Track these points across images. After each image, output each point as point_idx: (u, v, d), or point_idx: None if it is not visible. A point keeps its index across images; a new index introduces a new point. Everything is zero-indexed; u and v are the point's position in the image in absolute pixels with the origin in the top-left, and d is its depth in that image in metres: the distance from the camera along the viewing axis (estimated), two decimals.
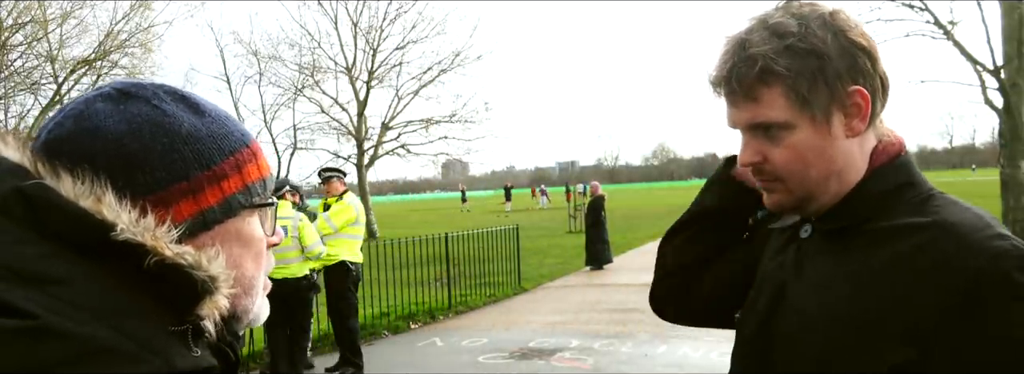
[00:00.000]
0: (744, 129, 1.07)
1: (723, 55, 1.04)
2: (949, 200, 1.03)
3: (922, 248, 0.96)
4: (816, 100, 1.00)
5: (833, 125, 1.02)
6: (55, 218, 0.62)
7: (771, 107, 1.01)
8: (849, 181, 1.05)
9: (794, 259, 1.11)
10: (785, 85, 1.00)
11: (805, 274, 1.08)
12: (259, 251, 0.78)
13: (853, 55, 1.00)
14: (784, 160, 1.04)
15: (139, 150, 0.67)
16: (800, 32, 0.99)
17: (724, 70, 1.03)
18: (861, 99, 1.01)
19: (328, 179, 6.84)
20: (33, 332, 0.55)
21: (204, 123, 0.72)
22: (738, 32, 1.04)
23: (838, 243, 1.06)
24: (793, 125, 1.02)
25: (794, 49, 0.99)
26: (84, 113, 0.69)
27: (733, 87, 1.03)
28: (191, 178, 0.69)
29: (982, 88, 12.40)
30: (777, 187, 1.07)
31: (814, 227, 1.10)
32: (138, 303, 0.63)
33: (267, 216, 0.80)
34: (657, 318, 1.49)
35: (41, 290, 0.58)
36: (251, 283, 0.77)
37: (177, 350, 0.63)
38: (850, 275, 1.01)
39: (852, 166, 1.05)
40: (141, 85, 0.73)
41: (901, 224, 1.00)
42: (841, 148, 1.03)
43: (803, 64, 0.99)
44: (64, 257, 0.61)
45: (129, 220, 0.64)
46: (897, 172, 1.06)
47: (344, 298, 6.65)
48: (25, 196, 0.63)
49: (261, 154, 0.78)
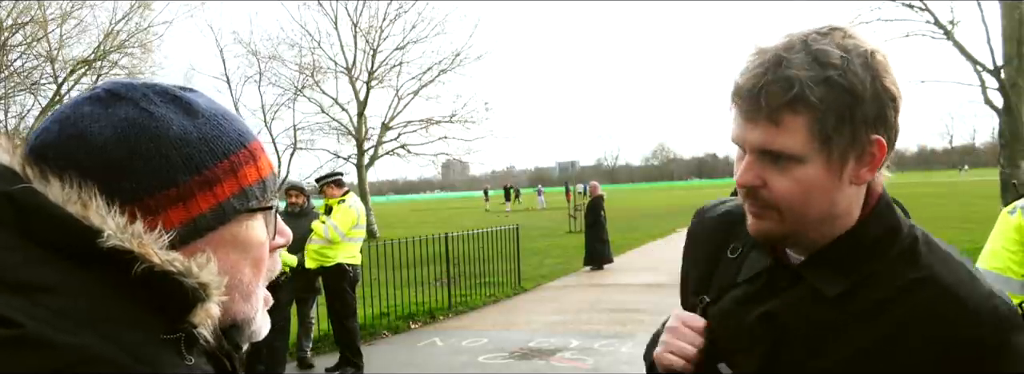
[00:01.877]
0: (750, 151, 1.00)
1: (756, 68, 0.97)
2: (933, 246, 1.04)
3: (922, 315, 0.97)
4: (837, 140, 0.96)
5: (846, 170, 0.98)
6: (42, 223, 0.61)
7: (791, 136, 0.96)
8: (841, 224, 1.03)
9: (779, 313, 1.06)
10: (813, 117, 0.94)
11: (797, 334, 1.03)
12: (258, 256, 0.74)
13: (883, 104, 0.96)
14: (786, 192, 0.99)
15: (124, 156, 0.65)
16: (842, 66, 0.94)
17: (755, 84, 0.96)
18: (878, 150, 0.98)
19: (322, 187, 6.82)
20: (18, 341, 0.54)
21: (196, 125, 0.69)
22: (775, 46, 0.97)
23: (832, 305, 1.02)
24: (806, 160, 0.97)
25: (833, 82, 0.93)
26: (71, 117, 0.67)
27: (759, 104, 0.96)
28: (180, 184, 0.67)
29: (982, 88, 12.41)
30: (770, 216, 1.02)
31: (799, 277, 1.05)
32: (127, 311, 0.61)
33: (269, 219, 0.76)
34: (657, 318, 1.48)
35: (27, 298, 0.57)
36: (249, 290, 0.74)
37: (168, 359, 0.61)
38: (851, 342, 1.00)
39: (848, 212, 1.03)
40: (132, 86, 0.70)
41: (900, 284, 1.00)
42: (844, 193, 1.00)
43: (838, 100, 0.94)
44: (51, 264, 0.60)
45: (116, 226, 0.62)
46: (885, 215, 1.05)
47: (342, 299, 6.66)
48: (13, 201, 0.62)
49: (261, 155, 0.75)
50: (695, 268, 1.25)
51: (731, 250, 1.18)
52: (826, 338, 1.01)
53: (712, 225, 1.24)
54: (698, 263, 1.25)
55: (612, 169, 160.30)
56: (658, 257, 15.27)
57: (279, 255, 0.81)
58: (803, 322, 1.03)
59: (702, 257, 1.24)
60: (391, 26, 24.92)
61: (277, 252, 0.80)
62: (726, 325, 1.12)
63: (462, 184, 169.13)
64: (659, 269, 13.22)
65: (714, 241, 1.21)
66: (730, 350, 1.10)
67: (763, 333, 1.06)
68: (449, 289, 9.86)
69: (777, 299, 1.07)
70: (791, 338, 1.03)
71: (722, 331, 1.12)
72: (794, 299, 1.05)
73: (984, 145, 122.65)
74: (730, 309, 1.12)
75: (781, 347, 1.04)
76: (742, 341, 1.08)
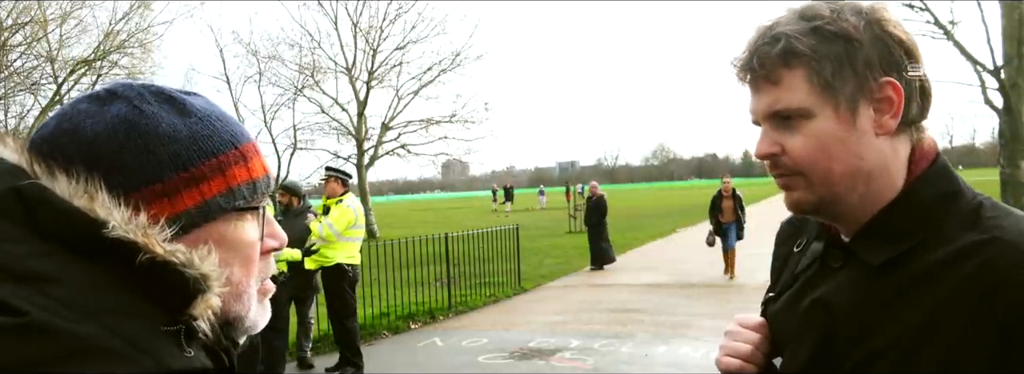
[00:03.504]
0: (763, 119, 0.98)
1: (749, 39, 0.98)
2: (1003, 210, 0.93)
3: (980, 275, 0.86)
4: (841, 86, 0.92)
5: (859, 117, 0.93)
6: (49, 217, 0.63)
7: (792, 91, 0.94)
8: (882, 188, 0.95)
9: (829, 295, 0.99)
10: (808, 67, 0.93)
11: (848, 317, 0.95)
12: (248, 256, 0.75)
13: (887, 45, 0.92)
14: (804, 150, 0.95)
15: (113, 150, 0.67)
16: (830, 16, 0.93)
17: (747, 51, 0.97)
18: (893, 92, 0.92)
19: (326, 179, 6.84)
20: (22, 329, 0.55)
21: (186, 124, 0.71)
22: (768, 19, 0.98)
23: (882, 277, 0.93)
24: (814, 113, 0.93)
25: (821, 31, 0.92)
26: (68, 114, 0.70)
27: (754, 66, 0.96)
28: (165, 179, 0.68)
29: (982, 88, 12.41)
30: (797, 183, 0.98)
31: (849, 254, 0.99)
32: (130, 302, 0.62)
33: (260, 220, 0.77)
34: (657, 318, 1.48)
35: (32, 288, 0.58)
36: (239, 289, 0.75)
37: (169, 350, 0.62)
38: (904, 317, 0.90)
39: (884, 170, 0.95)
40: (130, 86, 0.73)
41: (957, 247, 0.89)
42: (870, 145, 0.94)
43: (829, 47, 0.92)
44: (56, 255, 0.61)
45: (121, 218, 0.64)
46: (942, 178, 0.96)
47: (341, 299, 6.66)
48: (21, 195, 0.63)
49: (254, 157, 0.76)
50: (773, 272, 1.22)
51: (797, 244, 1.15)
52: (878, 316, 0.92)
53: (787, 228, 1.22)
54: (774, 265, 1.22)
55: (612, 169, 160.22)
56: (658, 257, 15.28)
57: (272, 258, 0.82)
58: (853, 302, 0.95)
59: (777, 258, 1.21)
60: (391, 26, 25.02)
61: (270, 255, 0.81)
62: (782, 319, 1.08)
63: (462, 184, 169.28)
64: (659, 269, 13.23)
65: (788, 242, 1.19)
66: (785, 344, 1.07)
67: (814, 320, 0.99)
68: (449, 289, 9.86)
69: (828, 282, 1.00)
70: (843, 322, 0.95)
71: (779, 325, 1.09)
72: (845, 279, 0.98)
73: (984, 145, 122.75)
74: (787, 301, 1.08)
75: (833, 333, 0.96)
76: (795, 332, 1.04)
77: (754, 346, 1.09)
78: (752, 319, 1.13)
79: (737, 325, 1.13)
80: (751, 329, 1.11)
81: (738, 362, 1.09)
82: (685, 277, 12.05)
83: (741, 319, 1.15)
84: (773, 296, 1.14)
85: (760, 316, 1.14)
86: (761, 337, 1.10)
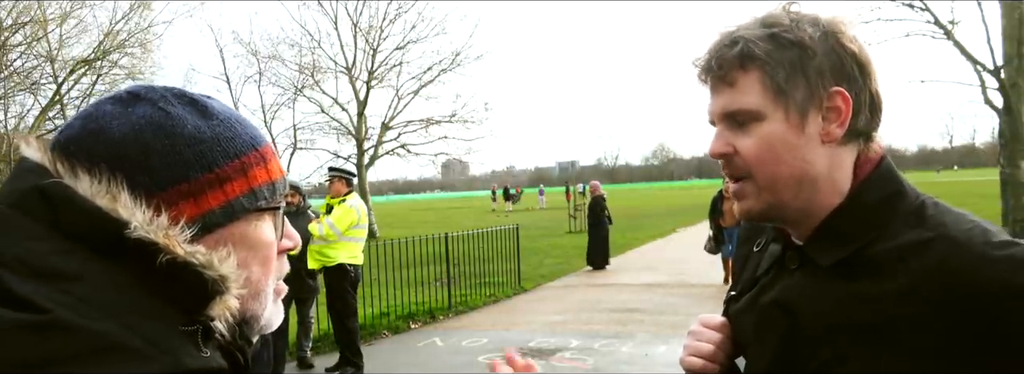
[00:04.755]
0: (719, 120, 1.02)
1: (712, 42, 1.02)
2: (943, 208, 0.97)
3: (931, 271, 0.89)
4: (792, 92, 0.96)
5: (808, 124, 0.97)
6: (71, 216, 0.64)
7: (746, 93, 0.98)
8: (828, 194, 0.99)
9: (787, 296, 1.02)
10: (763, 71, 0.96)
11: (806, 318, 0.98)
12: (267, 256, 0.77)
13: (840, 57, 0.96)
14: (753, 151, 0.98)
15: (140, 151, 0.68)
16: (788, 25, 0.97)
17: (709, 55, 1.01)
18: (842, 102, 0.96)
19: (330, 179, 6.86)
20: (44, 326, 0.56)
21: (210, 126, 0.72)
22: (732, 25, 1.02)
23: (836, 277, 0.97)
24: (765, 115, 0.97)
25: (778, 38, 0.96)
26: (93, 115, 0.71)
27: (712, 67, 1.00)
28: (192, 180, 0.69)
29: (982, 88, 12.41)
30: (747, 189, 1.01)
31: (804, 256, 1.02)
32: (150, 301, 0.63)
33: (278, 220, 0.79)
34: (657, 318, 1.49)
35: (54, 286, 0.59)
36: (258, 288, 0.76)
37: (187, 350, 0.63)
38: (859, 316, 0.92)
39: (828, 176, 0.98)
40: (152, 88, 0.74)
41: (905, 243, 0.92)
42: (816, 151, 0.97)
43: (784, 53, 0.96)
44: (78, 254, 0.62)
45: (143, 218, 0.65)
46: (885, 180, 1.00)
47: (342, 299, 6.66)
48: (44, 194, 0.64)
49: (272, 158, 0.78)
50: (735, 272, 1.25)
51: (756, 244, 1.18)
52: (836, 315, 0.95)
53: (747, 228, 1.24)
54: (735, 265, 1.25)
55: (612, 169, 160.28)
56: (658, 257, 15.29)
57: (286, 258, 0.83)
58: (810, 302, 0.98)
59: (738, 258, 1.24)
60: (391, 26, 25.02)
61: (284, 255, 0.82)
62: (743, 319, 1.11)
63: (462, 184, 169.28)
64: (659, 269, 13.24)
65: (748, 242, 1.21)
66: (747, 344, 1.10)
67: (773, 321, 1.02)
68: (449, 289, 9.86)
69: (786, 283, 1.03)
70: (803, 322, 0.98)
71: (740, 326, 1.12)
72: (801, 280, 1.01)
73: (984, 145, 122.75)
74: (747, 301, 1.11)
75: (794, 333, 0.99)
76: (754, 333, 1.07)
77: (716, 346, 1.12)
78: (714, 319, 1.16)
79: (700, 325, 1.16)
80: (713, 329, 1.14)
81: (701, 362, 1.12)
82: (685, 277, 12.05)
83: (704, 319, 1.17)
84: (735, 295, 1.17)
85: (722, 315, 1.17)
86: (723, 337, 1.13)
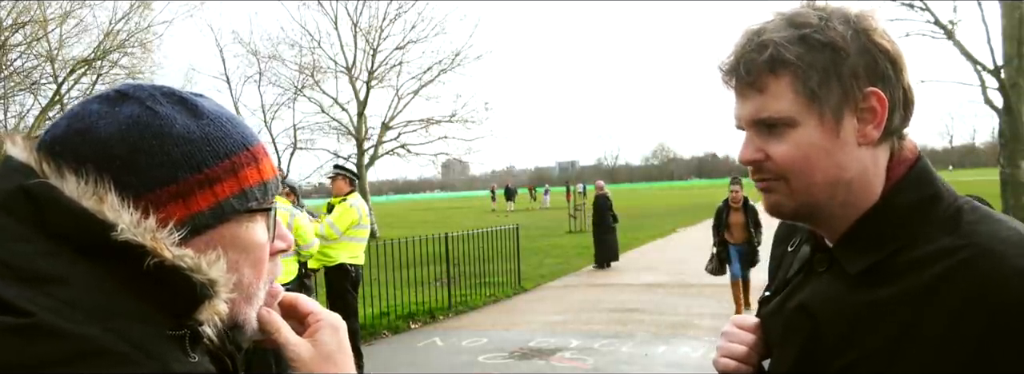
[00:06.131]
0: (748, 126, 0.99)
1: (736, 43, 0.97)
2: (982, 214, 0.93)
3: (956, 279, 0.85)
4: (826, 96, 0.93)
5: (843, 128, 0.93)
6: (57, 217, 0.62)
7: (777, 99, 0.94)
8: (861, 196, 0.96)
9: (812, 300, 0.99)
10: (794, 76, 0.93)
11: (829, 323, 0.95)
12: (258, 257, 0.75)
13: (873, 56, 0.93)
14: (787, 158, 0.95)
15: (127, 151, 0.66)
16: (818, 25, 0.92)
17: (736, 58, 0.97)
18: (877, 103, 0.93)
19: (334, 177, 6.87)
20: (27, 330, 0.55)
21: (199, 125, 0.70)
22: (756, 23, 0.98)
23: (863, 283, 0.94)
24: (798, 121, 0.94)
25: (809, 40, 0.92)
26: (79, 114, 0.69)
27: (740, 74, 0.96)
28: (180, 180, 0.68)
29: (982, 88, 12.40)
30: (778, 187, 0.98)
31: (833, 259, 0.99)
32: (136, 305, 0.62)
33: (270, 222, 0.77)
34: (657, 318, 1.48)
35: (38, 289, 0.58)
36: (250, 291, 0.75)
37: (173, 355, 0.62)
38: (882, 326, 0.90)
39: (864, 179, 0.95)
40: (141, 87, 0.72)
41: (934, 251, 0.89)
42: (852, 155, 0.94)
43: (816, 56, 0.92)
44: (64, 256, 0.61)
45: (130, 220, 0.63)
46: (920, 183, 0.96)
47: (343, 299, 6.66)
48: (29, 195, 0.63)
49: (264, 158, 0.76)
50: (770, 271, 1.23)
51: (790, 244, 1.16)
52: (861, 322, 0.92)
53: (783, 227, 1.21)
54: (771, 264, 1.23)
55: (612, 169, 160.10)
56: (658, 257, 15.29)
57: (280, 260, 0.82)
58: (836, 307, 0.95)
59: (773, 258, 1.23)
60: (391, 26, 24.97)
61: (278, 257, 0.80)
62: (772, 321, 1.09)
63: (462, 184, 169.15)
64: (659, 269, 13.24)
65: (783, 241, 1.20)
66: (775, 346, 1.08)
67: (798, 325, 1.00)
68: (449, 289, 9.86)
69: (813, 287, 1.01)
70: (826, 327, 0.96)
71: (769, 327, 1.10)
72: (828, 285, 0.99)
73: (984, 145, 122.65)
74: (777, 303, 1.09)
75: (817, 337, 0.97)
76: (780, 336, 1.05)
77: (749, 347, 1.10)
78: (748, 320, 1.15)
79: (733, 326, 1.15)
80: (746, 330, 1.13)
81: (734, 363, 1.10)
82: (685, 277, 12.03)
83: (737, 320, 1.16)
84: (768, 296, 1.15)
85: (756, 316, 1.16)
86: (756, 338, 1.11)
